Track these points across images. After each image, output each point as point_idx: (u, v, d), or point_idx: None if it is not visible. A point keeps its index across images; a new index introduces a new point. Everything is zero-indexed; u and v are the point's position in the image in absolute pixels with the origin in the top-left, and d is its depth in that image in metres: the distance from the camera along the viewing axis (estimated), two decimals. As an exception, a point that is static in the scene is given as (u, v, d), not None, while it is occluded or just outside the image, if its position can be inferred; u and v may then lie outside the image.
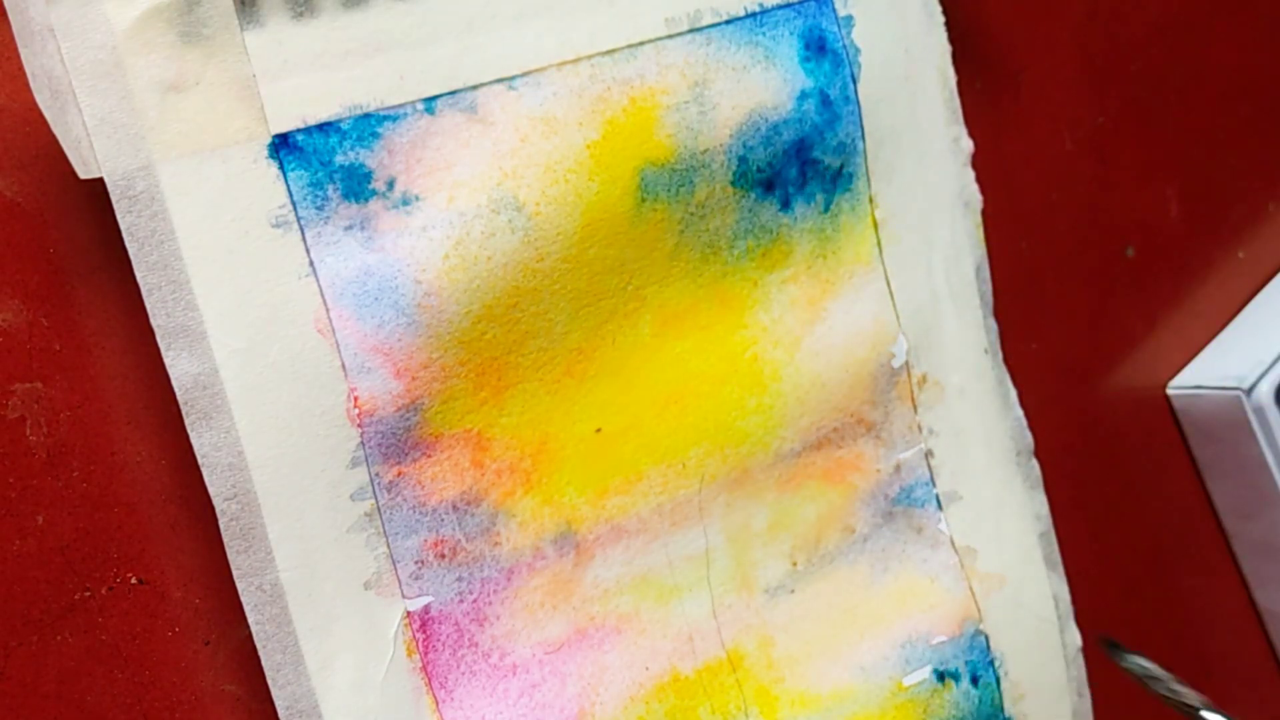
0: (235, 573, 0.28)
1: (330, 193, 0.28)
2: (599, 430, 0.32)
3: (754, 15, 0.33)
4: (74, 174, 0.27)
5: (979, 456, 0.38)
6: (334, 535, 0.29)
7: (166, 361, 0.27)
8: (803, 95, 0.33)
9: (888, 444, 0.36)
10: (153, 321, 0.27)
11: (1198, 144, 0.45)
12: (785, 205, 0.34)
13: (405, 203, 0.29)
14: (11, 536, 0.28)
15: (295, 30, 0.28)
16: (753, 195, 0.33)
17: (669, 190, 0.32)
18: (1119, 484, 0.44)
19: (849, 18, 0.35)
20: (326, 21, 0.28)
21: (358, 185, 0.29)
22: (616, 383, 0.32)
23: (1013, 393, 0.38)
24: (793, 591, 0.35)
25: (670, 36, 0.32)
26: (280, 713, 0.29)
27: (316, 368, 0.28)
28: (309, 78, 0.28)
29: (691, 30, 0.32)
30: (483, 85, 0.30)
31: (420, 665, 0.30)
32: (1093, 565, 0.42)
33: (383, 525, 0.30)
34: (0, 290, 0.27)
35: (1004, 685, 0.37)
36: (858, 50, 0.35)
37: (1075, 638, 0.39)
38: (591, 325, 0.32)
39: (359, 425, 0.29)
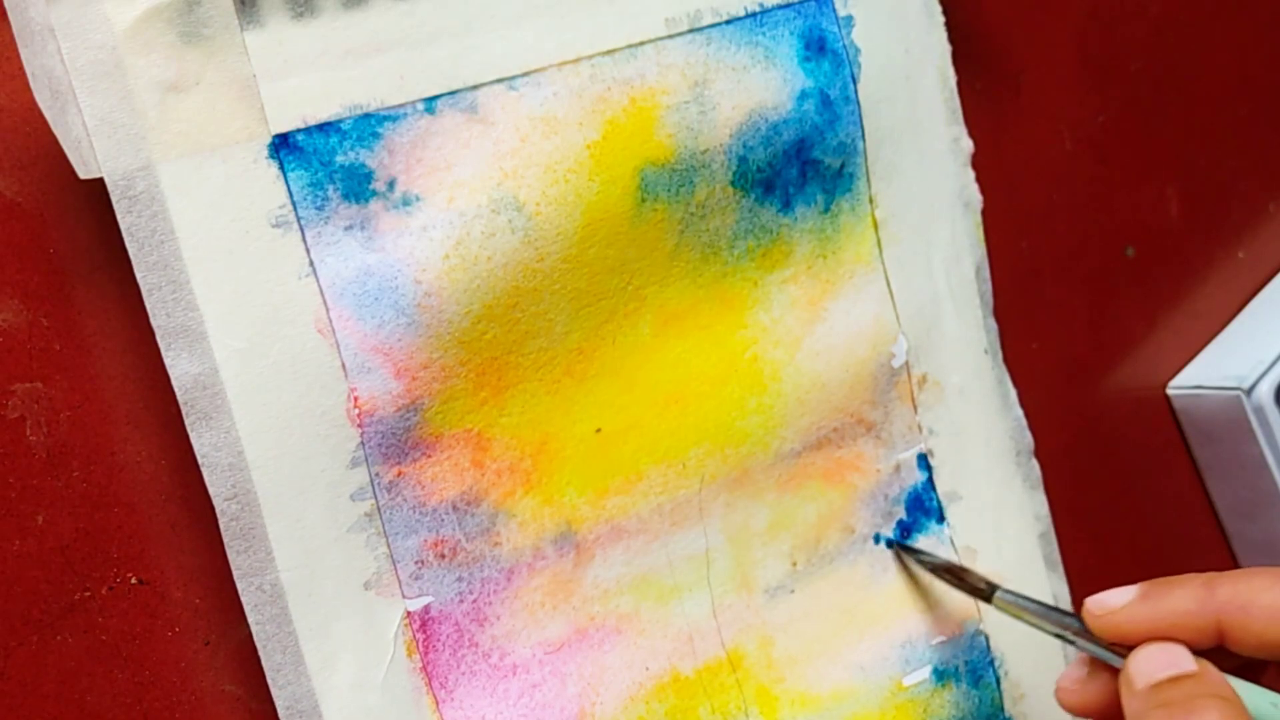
0: (235, 573, 0.28)
1: (330, 193, 0.28)
2: (599, 430, 0.32)
3: (754, 15, 0.33)
4: (74, 174, 0.27)
5: (979, 456, 0.38)
6: (334, 535, 0.29)
7: (166, 361, 0.27)
8: (803, 95, 0.33)
9: (888, 444, 0.36)
10: (153, 321, 0.27)
11: (1198, 144, 0.45)
12: (785, 205, 0.34)
13: (405, 203, 0.29)
14: (11, 536, 0.27)
15: (295, 30, 0.28)
16: (753, 195, 0.33)
17: (669, 190, 0.32)
18: (1119, 484, 0.44)
19: (849, 18, 0.34)
20: (326, 21, 0.28)
21: (358, 185, 0.29)
22: (617, 383, 0.32)
23: (1012, 393, 0.38)
24: (793, 591, 0.35)
25: (670, 36, 0.32)
26: (280, 713, 0.29)
27: (317, 368, 0.28)
28: (309, 78, 0.28)
29: (691, 30, 0.32)
30: (483, 85, 0.30)
31: (420, 665, 0.30)
32: (1093, 565, 0.42)
33: (383, 525, 0.29)
34: (0, 290, 0.27)
35: (1004, 685, 0.37)
36: (858, 50, 0.35)
37: (1075, 638, 0.39)
38: (591, 325, 0.32)
39: (359, 425, 0.29)
